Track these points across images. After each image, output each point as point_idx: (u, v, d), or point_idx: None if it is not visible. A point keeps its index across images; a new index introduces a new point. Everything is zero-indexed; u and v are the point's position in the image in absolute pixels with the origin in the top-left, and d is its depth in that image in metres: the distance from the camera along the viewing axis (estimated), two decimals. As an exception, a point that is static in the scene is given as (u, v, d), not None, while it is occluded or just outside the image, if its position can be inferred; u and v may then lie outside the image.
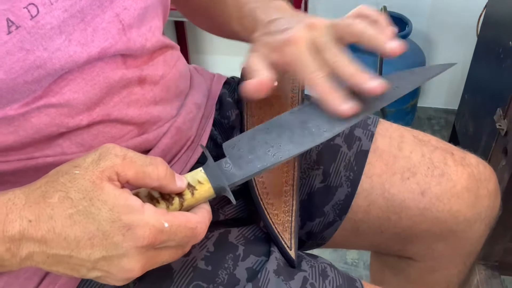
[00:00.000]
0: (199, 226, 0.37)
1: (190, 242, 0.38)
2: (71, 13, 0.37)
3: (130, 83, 0.45)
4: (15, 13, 0.34)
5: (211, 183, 0.40)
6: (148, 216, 0.34)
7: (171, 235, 0.35)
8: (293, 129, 0.42)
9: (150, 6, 0.45)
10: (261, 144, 0.42)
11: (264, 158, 0.41)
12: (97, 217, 0.33)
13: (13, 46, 0.35)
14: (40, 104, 0.39)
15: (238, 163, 0.41)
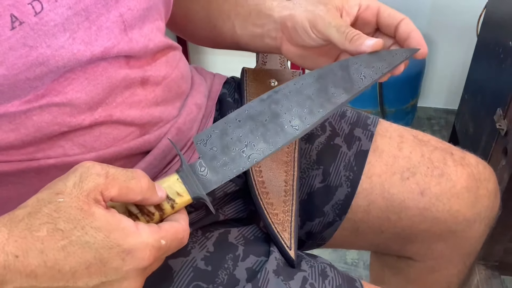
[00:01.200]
0: (185, 236, 0.38)
1: (176, 250, 0.39)
2: (76, 10, 0.37)
3: (133, 83, 0.45)
4: (19, 9, 0.34)
5: (190, 194, 0.40)
6: (146, 237, 0.34)
7: (167, 250, 0.37)
8: (265, 124, 0.42)
9: (153, 7, 0.45)
10: (234, 142, 0.42)
11: (239, 161, 0.41)
12: (93, 245, 0.32)
13: (16, 42, 0.35)
14: (43, 102, 0.39)
15: (213, 166, 0.41)
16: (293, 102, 0.43)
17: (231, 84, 0.65)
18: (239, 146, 0.42)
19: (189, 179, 0.40)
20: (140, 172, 0.37)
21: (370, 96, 1.57)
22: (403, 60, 0.45)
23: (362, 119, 0.63)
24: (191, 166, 0.41)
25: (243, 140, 0.42)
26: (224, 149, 0.41)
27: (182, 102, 0.54)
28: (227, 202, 0.55)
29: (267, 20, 0.53)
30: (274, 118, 0.42)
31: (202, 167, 0.41)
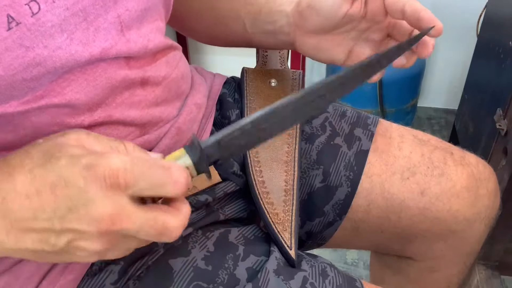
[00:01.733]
0: (174, 168, 0.33)
1: (167, 188, 0.33)
2: (73, 11, 0.37)
3: (133, 84, 0.45)
4: (16, 9, 0.34)
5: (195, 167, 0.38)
6: (110, 155, 0.32)
7: (139, 173, 0.32)
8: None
9: (151, 7, 0.45)
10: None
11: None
12: (56, 165, 0.32)
13: (12, 43, 0.34)
14: (42, 103, 0.39)
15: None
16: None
17: (231, 84, 0.65)
18: None
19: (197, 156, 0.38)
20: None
21: (370, 96, 1.57)
22: (418, 39, 0.45)
23: (362, 119, 0.63)
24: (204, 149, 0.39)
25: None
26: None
27: (182, 102, 0.54)
28: (227, 202, 0.55)
29: (278, 17, 0.53)
30: None
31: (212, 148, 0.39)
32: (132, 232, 0.33)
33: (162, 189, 0.33)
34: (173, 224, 0.34)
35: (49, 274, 0.44)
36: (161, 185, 0.32)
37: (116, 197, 0.32)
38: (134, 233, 0.33)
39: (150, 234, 0.33)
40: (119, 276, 0.45)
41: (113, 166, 0.31)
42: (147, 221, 0.33)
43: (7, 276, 0.43)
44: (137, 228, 0.33)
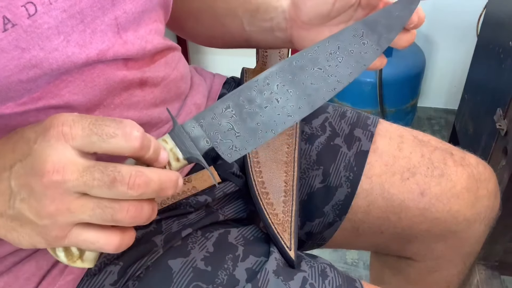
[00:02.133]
0: (126, 121, 0.31)
1: (118, 140, 0.31)
2: (70, 13, 0.37)
3: (131, 85, 0.45)
4: (12, 11, 0.34)
5: (183, 154, 0.37)
6: (62, 113, 0.31)
7: (86, 124, 0.30)
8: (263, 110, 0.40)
9: (149, 9, 0.44)
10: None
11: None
12: (23, 128, 0.33)
13: (8, 44, 0.34)
14: (39, 105, 0.39)
15: (203, 124, 0.39)
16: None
17: (231, 84, 0.65)
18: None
19: (181, 139, 0.37)
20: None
21: (370, 96, 1.57)
22: (413, 8, 0.44)
23: (362, 119, 0.63)
24: (183, 126, 0.38)
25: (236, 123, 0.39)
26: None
27: (181, 102, 0.54)
28: (227, 202, 0.55)
29: (275, 13, 0.53)
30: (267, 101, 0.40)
31: (192, 126, 0.39)
32: (80, 183, 0.30)
33: (113, 140, 0.30)
34: (126, 170, 0.30)
35: (48, 274, 0.44)
36: (111, 135, 0.30)
37: (61, 147, 0.30)
38: (83, 185, 0.30)
39: (102, 183, 0.30)
40: (118, 276, 0.45)
41: (61, 118, 0.30)
42: (96, 166, 0.30)
43: (7, 276, 0.43)
44: (85, 177, 0.30)
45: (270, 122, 0.39)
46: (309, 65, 0.41)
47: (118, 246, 0.33)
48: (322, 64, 0.41)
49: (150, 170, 0.31)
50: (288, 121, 0.40)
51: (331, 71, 0.41)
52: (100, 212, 0.31)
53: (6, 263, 0.44)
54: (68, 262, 0.35)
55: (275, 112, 0.40)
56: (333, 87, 0.41)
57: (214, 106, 0.39)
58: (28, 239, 0.33)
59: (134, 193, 0.31)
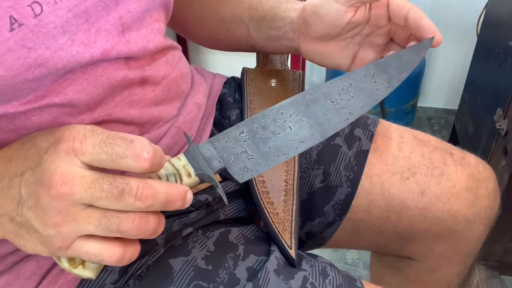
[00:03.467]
0: (137, 141, 0.31)
1: (128, 161, 0.31)
2: (75, 13, 0.37)
3: (132, 83, 0.45)
4: (18, 11, 0.34)
5: (195, 171, 0.38)
6: (75, 124, 0.32)
7: (96, 141, 0.31)
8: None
9: (151, 9, 0.45)
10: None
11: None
12: (36, 135, 0.34)
13: (14, 44, 0.35)
14: (43, 103, 0.39)
15: (217, 146, 0.40)
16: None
17: (231, 84, 0.65)
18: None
19: (195, 157, 0.38)
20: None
21: (370, 96, 1.57)
22: (422, 54, 0.46)
23: (362, 119, 0.63)
24: (198, 147, 0.39)
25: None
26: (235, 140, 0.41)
27: (182, 101, 0.54)
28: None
29: (283, 23, 0.54)
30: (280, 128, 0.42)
31: (206, 148, 0.40)
32: (87, 195, 0.30)
33: (123, 161, 0.30)
34: (135, 182, 0.31)
35: (49, 273, 0.44)
36: (121, 156, 0.30)
37: (70, 160, 0.30)
38: (91, 197, 0.30)
39: (110, 194, 0.30)
40: (119, 275, 0.45)
41: (73, 131, 0.31)
42: (104, 178, 0.30)
43: (7, 276, 0.44)
44: (93, 189, 0.30)
45: (283, 147, 0.41)
46: (322, 98, 0.42)
47: (121, 259, 0.33)
48: (335, 97, 0.42)
49: (159, 183, 0.32)
50: (300, 147, 0.41)
51: (343, 104, 0.42)
52: (106, 222, 0.31)
53: (6, 262, 0.44)
54: (70, 268, 0.36)
55: (288, 138, 0.41)
56: (345, 118, 0.42)
57: (228, 130, 0.41)
58: (33, 247, 0.34)
59: (142, 204, 0.31)
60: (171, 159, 0.38)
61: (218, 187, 0.39)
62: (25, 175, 0.32)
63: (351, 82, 0.43)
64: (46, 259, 0.44)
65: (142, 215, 0.32)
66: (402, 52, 0.45)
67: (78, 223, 0.31)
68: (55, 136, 0.31)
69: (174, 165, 0.37)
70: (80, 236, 0.32)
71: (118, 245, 0.33)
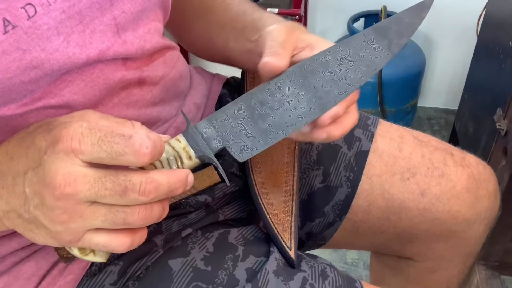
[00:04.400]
0: (136, 136, 0.31)
1: (128, 157, 0.31)
2: (69, 14, 0.37)
3: (130, 84, 0.45)
4: (12, 13, 0.34)
5: (195, 152, 0.38)
6: (72, 122, 0.31)
7: (95, 139, 0.31)
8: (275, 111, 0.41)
9: (148, 9, 0.44)
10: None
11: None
12: (35, 131, 0.33)
13: (9, 46, 0.34)
14: (39, 105, 0.39)
15: (216, 124, 0.40)
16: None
17: (231, 84, 0.65)
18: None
19: (194, 138, 0.38)
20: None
21: (370, 96, 1.57)
22: (423, 16, 0.43)
23: (363, 119, 0.63)
24: (196, 126, 0.39)
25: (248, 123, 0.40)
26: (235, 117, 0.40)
27: (180, 101, 0.54)
28: (226, 202, 0.55)
29: (259, 36, 0.53)
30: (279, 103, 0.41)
31: (205, 126, 0.39)
32: (91, 193, 0.31)
33: (123, 158, 0.31)
34: (137, 178, 0.31)
35: (48, 274, 0.44)
36: (120, 153, 0.30)
37: (69, 160, 0.30)
38: (95, 195, 0.31)
39: (113, 192, 0.31)
40: (118, 276, 0.45)
41: (70, 131, 0.30)
42: (107, 176, 0.31)
43: (7, 276, 0.43)
44: (96, 188, 0.30)
45: (281, 123, 0.40)
46: (320, 69, 0.41)
47: (130, 246, 0.34)
48: (333, 68, 0.41)
49: (160, 174, 0.32)
50: (299, 123, 0.40)
51: (341, 75, 0.41)
52: (112, 217, 0.32)
53: (6, 263, 0.44)
54: (81, 256, 0.36)
55: (286, 114, 0.40)
56: (344, 90, 0.41)
57: (226, 107, 0.40)
58: (43, 240, 0.34)
59: (145, 199, 0.31)
60: (170, 141, 0.38)
61: (219, 167, 0.38)
62: (27, 174, 0.32)
63: (350, 50, 0.42)
64: (45, 260, 0.44)
65: (147, 206, 0.32)
66: (402, 14, 0.44)
67: (85, 219, 0.32)
68: (53, 135, 0.31)
69: (174, 148, 0.37)
70: (89, 229, 0.33)
71: (126, 234, 0.33)
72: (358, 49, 0.42)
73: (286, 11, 1.56)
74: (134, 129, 0.35)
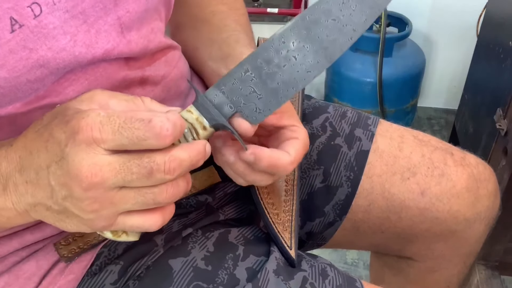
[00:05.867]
0: (155, 119, 0.31)
1: (150, 141, 0.31)
2: (73, 14, 0.37)
3: (132, 83, 0.45)
4: (18, 12, 0.34)
5: (208, 122, 0.38)
6: (89, 110, 0.31)
7: (115, 127, 0.30)
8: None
9: (151, 8, 0.45)
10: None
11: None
12: (52, 123, 0.32)
13: (16, 45, 0.35)
14: (43, 103, 0.39)
15: (226, 90, 0.39)
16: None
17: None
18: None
19: (206, 108, 0.38)
20: None
21: (370, 96, 1.57)
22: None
23: (363, 119, 0.63)
24: (206, 95, 0.39)
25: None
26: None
27: (182, 101, 0.54)
28: (227, 202, 0.55)
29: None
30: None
31: (214, 94, 0.39)
32: (119, 180, 0.31)
33: (145, 142, 0.31)
34: (161, 158, 0.31)
35: (49, 274, 0.44)
36: (142, 138, 0.31)
37: (91, 150, 0.30)
38: (122, 181, 0.31)
39: (140, 175, 0.31)
40: (119, 276, 0.45)
41: (88, 121, 0.30)
42: (131, 161, 0.31)
43: (7, 276, 0.44)
44: (122, 173, 0.31)
45: (290, 80, 0.40)
46: (322, 18, 0.40)
47: (162, 223, 0.35)
48: (336, 14, 0.40)
49: (181, 151, 0.32)
50: (308, 77, 0.40)
51: (345, 21, 0.40)
52: (142, 199, 0.32)
53: (6, 262, 0.44)
54: (114, 238, 0.37)
55: (294, 70, 0.39)
56: (349, 36, 0.40)
57: (233, 71, 0.39)
58: (75, 228, 0.35)
59: (171, 177, 0.32)
60: (182, 113, 0.38)
61: (234, 133, 0.38)
62: (50, 168, 0.32)
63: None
64: (46, 260, 0.44)
65: (173, 183, 0.33)
66: None
67: (115, 205, 0.32)
68: (71, 126, 0.31)
69: (187, 120, 0.37)
70: (121, 213, 0.34)
71: (157, 212, 0.34)
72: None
73: (286, 11, 1.57)
74: (150, 110, 0.35)
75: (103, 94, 0.34)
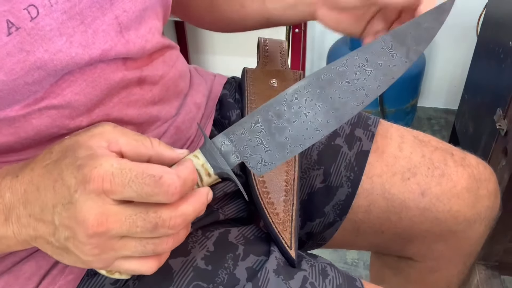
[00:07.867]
0: (166, 177, 0.31)
1: (158, 197, 0.32)
2: (70, 15, 0.37)
3: (130, 83, 0.45)
4: (15, 15, 0.34)
5: (214, 170, 0.38)
6: (102, 158, 0.32)
7: (126, 180, 0.31)
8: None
9: (149, 7, 0.44)
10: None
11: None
12: (62, 162, 0.33)
13: (13, 48, 0.35)
14: (42, 105, 0.39)
15: (233, 139, 0.40)
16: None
17: (231, 84, 0.65)
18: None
19: (212, 155, 0.38)
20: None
21: (370, 96, 1.57)
22: (443, 20, 0.45)
23: (363, 119, 0.63)
24: (214, 141, 0.39)
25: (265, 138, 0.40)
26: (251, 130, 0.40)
27: (180, 101, 0.54)
28: (227, 201, 0.55)
29: None
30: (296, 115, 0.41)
31: (222, 141, 0.39)
32: (122, 230, 0.32)
33: (153, 198, 0.32)
34: (167, 214, 0.32)
35: (49, 274, 0.44)
36: (150, 195, 0.31)
37: (100, 200, 0.31)
38: (127, 232, 0.32)
39: (144, 229, 0.32)
40: (119, 276, 0.45)
41: (100, 171, 0.31)
42: (137, 214, 0.32)
43: (7, 276, 0.43)
44: (127, 225, 0.32)
45: (299, 136, 0.40)
46: (337, 79, 0.40)
47: (157, 268, 0.36)
48: (350, 77, 0.41)
49: (187, 205, 0.33)
50: (316, 135, 0.40)
51: (359, 85, 0.41)
52: (142, 249, 0.34)
53: (6, 262, 0.44)
54: (108, 275, 0.38)
55: (303, 127, 0.40)
56: (361, 101, 0.41)
57: (243, 121, 0.40)
58: (72, 263, 0.36)
59: (175, 232, 0.33)
60: (188, 157, 0.38)
61: (238, 185, 0.39)
62: (56, 208, 0.32)
63: (368, 58, 0.41)
64: (46, 260, 0.44)
65: (174, 236, 0.34)
66: (421, 18, 0.43)
67: (116, 251, 0.33)
68: (83, 174, 0.31)
69: None
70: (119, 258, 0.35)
71: (154, 259, 0.36)
72: (376, 56, 0.41)
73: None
74: (158, 153, 0.36)
75: (114, 131, 0.35)
